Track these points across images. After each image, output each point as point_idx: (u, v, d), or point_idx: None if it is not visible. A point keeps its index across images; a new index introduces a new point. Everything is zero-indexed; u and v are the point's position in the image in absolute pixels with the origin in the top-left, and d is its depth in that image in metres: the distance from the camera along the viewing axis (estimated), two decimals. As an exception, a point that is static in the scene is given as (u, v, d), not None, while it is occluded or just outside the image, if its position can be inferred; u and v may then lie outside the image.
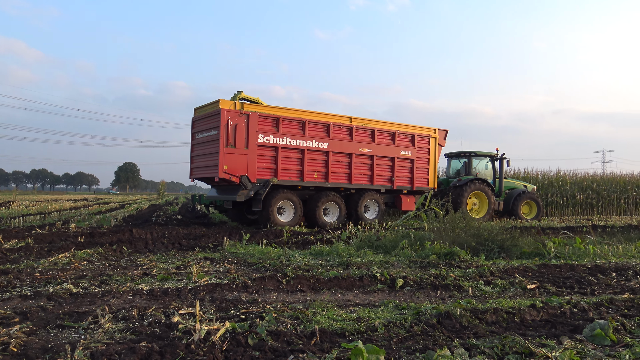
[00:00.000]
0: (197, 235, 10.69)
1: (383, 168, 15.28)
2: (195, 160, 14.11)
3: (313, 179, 13.89)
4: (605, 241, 9.52)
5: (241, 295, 5.09)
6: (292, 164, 13.63)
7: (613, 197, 27.59)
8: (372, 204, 15.21)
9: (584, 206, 27.05)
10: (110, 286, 5.37)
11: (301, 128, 13.71)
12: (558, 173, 28.29)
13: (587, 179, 28.01)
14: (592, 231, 12.14)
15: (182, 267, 6.71)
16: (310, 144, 13.80)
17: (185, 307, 4.42)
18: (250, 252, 8.09)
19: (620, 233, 11.46)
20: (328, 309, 4.50)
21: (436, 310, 4.29)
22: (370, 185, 14.96)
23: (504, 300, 5.02)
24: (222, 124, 12.57)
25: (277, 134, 13.30)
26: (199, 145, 13.93)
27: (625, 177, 29.09)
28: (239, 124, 12.77)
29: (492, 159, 19.34)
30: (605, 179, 28.68)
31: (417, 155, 16.00)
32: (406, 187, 15.75)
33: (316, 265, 6.97)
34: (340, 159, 14.40)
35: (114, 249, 8.29)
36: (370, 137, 14.97)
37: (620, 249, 8.58)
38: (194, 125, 14.25)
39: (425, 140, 16.27)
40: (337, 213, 14.38)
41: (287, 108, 13.81)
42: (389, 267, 6.94)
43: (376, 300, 5.09)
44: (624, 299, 4.99)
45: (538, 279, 6.22)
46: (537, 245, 8.46)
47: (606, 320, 3.81)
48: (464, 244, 8.26)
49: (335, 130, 14.27)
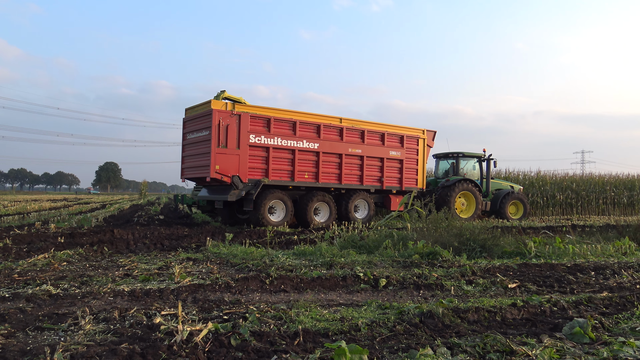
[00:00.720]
0: (180, 236, 10.61)
1: (373, 168, 15.42)
2: (187, 160, 14.14)
3: (304, 179, 13.99)
4: (584, 241, 9.68)
5: (224, 295, 5.07)
6: (283, 164, 13.71)
7: (592, 197, 28.07)
8: (362, 204, 15.33)
9: (564, 206, 27.49)
10: (91, 287, 5.31)
11: (292, 129, 13.81)
12: (538, 173, 28.71)
13: (567, 180, 28.46)
14: (572, 231, 12.33)
15: (164, 268, 6.66)
16: (301, 145, 13.90)
17: (167, 308, 4.38)
18: (233, 252, 8.06)
19: (599, 233, 11.66)
20: (311, 309, 4.50)
21: (419, 310, 4.32)
22: (360, 186, 15.09)
23: (486, 299, 5.07)
24: (213, 125, 12.62)
25: (268, 134, 13.37)
26: (190, 146, 13.97)
27: (604, 178, 29.62)
28: (230, 124, 12.82)
29: (480, 160, 19.55)
30: (584, 179, 29.17)
31: (406, 156, 16.14)
32: (395, 187, 15.88)
33: (300, 265, 6.97)
34: (330, 160, 14.52)
35: (95, 249, 8.19)
36: (360, 138, 15.09)
37: (599, 249, 8.73)
38: (185, 125, 14.28)
39: (414, 141, 16.42)
40: (328, 213, 14.50)
41: (279, 109, 13.89)
42: (372, 267, 6.96)
43: (359, 300, 5.11)
44: (603, 297, 5.08)
45: (519, 278, 6.30)
46: (518, 244, 8.57)
47: (585, 319, 3.87)
48: (447, 244, 8.33)
49: (325, 131, 14.39)
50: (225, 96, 13.82)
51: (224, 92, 14.09)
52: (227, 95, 13.91)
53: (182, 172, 14.35)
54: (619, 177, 30.19)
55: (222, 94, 13.92)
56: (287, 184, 13.78)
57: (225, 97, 13.80)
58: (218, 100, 13.04)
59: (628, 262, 7.55)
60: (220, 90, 14.21)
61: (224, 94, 13.97)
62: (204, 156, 12.96)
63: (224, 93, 14.04)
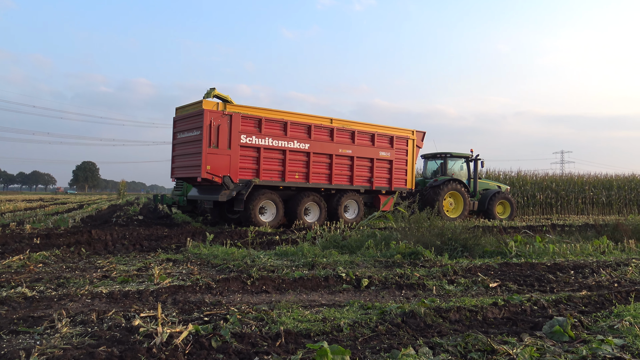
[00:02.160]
0: (159, 236, 10.52)
1: (363, 169, 15.53)
2: (177, 159, 14.13)
3: (294, 180, 14.08)
4: (563, 240, 9.84)
5: (205, 297, 5.04)
6: (274, 165, 13.79)
7: (571, 196, 28.58)
8: (352, 204, 15.45)
9: (544, 206, 27.93)
10: (68, 289, 5.23)
11: (283, 129, 13.88)
12: (519, 173, 29.13)
13: (547, 179, 28.92)
14: (552, 230, 12.53)
15: (143, 269, 6.60)
16: (292, 145, 13.97)
17: (146, 310, 4.34)
18: (214, 253, 8.01)
19: (578, 232, 11.87)
20: (293, 310, 4.50)
21: (401, 310, 4.35)
22: (350, 186, 15.20)
23: (467, 298, 5.12)
24: (205, 125, 12.64)
25: (259, 134, 13.43)
26: (180, 145, 13.97)
27: (583, 178, 30.17)
28: (221, 124, 12.85)
29: (467, 160, 19.75)
30: (563, 179, 29.68)
31: (396, 156, 16.27)
32: (385, 188, 16.00)
33: (281, 265, 6.96)
34: (321, 160, 14.62)
35: (72, 250, 8.07)
36: (351, 139, 15.20)
37: (578, 248, 8.89)
38: (175, 124, 14.27)
39: (404, 142, 16.55)
40: (318, 213, 14.59)
41: (270, 109, 13.95)
42: (355, 267, 6.98)
43: (341, 300, 5.12)
44: (582, 296, 5.17)
45: (500, 277, 6.38)
46: (499, 244, 8.67)
47: (565, 317, 3.94)
48: (429, 244, 8.40)
49: (316, 132, 14.48)
50: (215, 94, 13.84)
51: (214, 89, 14.08)
52: (217, 93, 13.92)
53: (172, 171, 14.37)
54: (597, 177, 30.81)
55: (212, 92, 13.92)
56: (278, 184, 13.87)
57: (216, 95, 13.82)
58: (209, 100, 13.08)
59: (606, 261, 7.70)
60: (210, 88, 14.20)
61: (214, 92, 13.97)
62: (195, 156, 13.01)
63: (214, 91, 14.03)
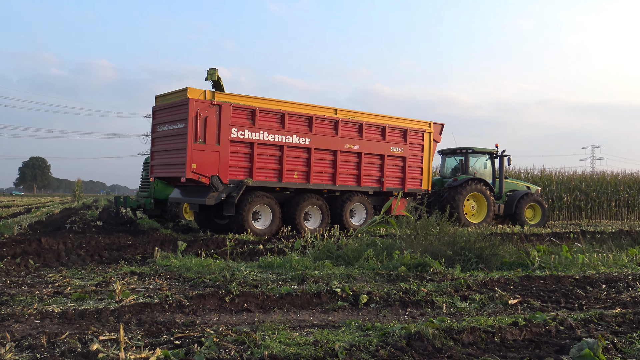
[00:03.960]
0: (122, 246, 10.52)
1: (371, 167, 15.55)
2: (157, 156, 14.10)
3: (293, 180, 14.09)
4: (594, 249, 9.92)
5: (175, 316, 5.04)
6: (270, 163, 13.80)
7: (603, 199, 28.75)
8: (360, 207, 15.46)
9: (571, 209, 28.10)
10: (13, 308, 5.20)
11: (280, 121, 13.88)
12: (543, 172, 29.28)
13: (575, 179, 29.09)
14: (581, 238, 12.62)
15: (103, 284, 6.59)
16: (290, 140, 13.97)
17: (106, 333, 4.33)
18: (186, 265, 8.01)
19: (611, 240, 11.97)
20: (280, 332, 4.51)
21: (405, 331, 4.36)
22: (357, 187, 15.24)
23: (483, 317, 5.15)
24: (190, 116, 12.60)
25: (252, 128, 13.41)
26: (161, 140, 13.94)
27: (617, 177, 30.37)
28: (209, 116, 12.81)
29: (492, 157, 19.77)
30: (594, 178, 29.87)
31: (410, 153, 16.29)
32: (397, 189, 15.94)
33: (266, 279, 6.97)
34: (323, 157, 14.63)
35: (18, 262, 8.05)
36: (358, 132, 15.20)
37: (611, 258, 8.96)
38: (155, 115, 14.26)
39: (419, 136, 16.59)
40: (320, 218, 14.63)
41: (265, 98, 13.99)
42: (352, 281, 7.00)
43: (336, 320, 5.13)
44: (615, 314, 5.21)
45: (520, 292, 6.43)
46: (520, 254, 8.73)
47: (595, 339, 3.97)
48: (438, 254, 8.43)
49: (318, 124, 14.47)
50: (218, 76, 14.12)
51: (215, 70, 14.26)
52: (219, 75, 14.22)
53: (152, 169, 14.36)
54: (634, 175, 31.03)
55: (214, 73, 14.12)
56: (274, 185, 13.89)
57: (215, 81, 14.14)
58: (195, 88, 13.08)
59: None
60: (211, 68, 14.30)
61: (216, 74, 14.17)
62: (179, 152, 12.98)
63: (215, 72, 14.22)
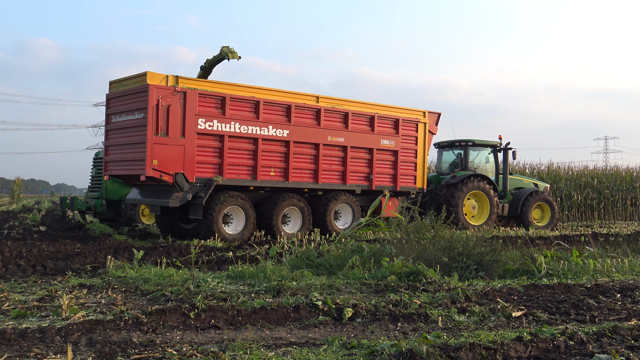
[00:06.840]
0: (69, 254, 10.47)
1: (359, 162, 15.62)
2: (112, 151, 14.04)
3: (269, 177, 14.13)
4: (608, 254, 10.05)
5: (132, 335, 5.02)
6: (243, 158, 13.81)
7: (617, 197, 29.09)
8: (346, 209, 15.54)
9: (582, 209, 28.42)
10: (-58, 328, 5.13)
11: (254, 110, 13.90)
12: (550, 166, 29.61)
13: (586, 174, 29.42)
14: (593, 241, 12.77)
15: (47, 299, 6.55)
16: (266, 132, 13.98)
17: (52, 355, 4.31)
18: (144, 275, 7.97)
19: (627, 243, 12.11)
20: (252, 351, 4.51)
21: (396, 349, 4.39)
22: (342, 185, 15.30)
23: (483, 332, 5.20)
24: (150, 105, 12.54)
25: (222, 118, 13.41)
26: (117, 132, 13.87)
27: (633, 172, 30.73)
28: (172, 105, 12.77)
29: (495, 150, 19.89)
30: (608, 174, 30.23)
31: (402, 146, 16.38)
32: (388, 187, 16.05)
33: (236, 292, 6.97)
34: (304, 151, 14.67)
35: (-53, 274, 7.94)
36: (343, 123, 15.26)
37: (627, 264, 9.10)
38: (109, 104, 14.17)
39: (413, 127, 16.69)
40: (300, 221, 14.69)
41: (236, 84, 14.06)
42: (334, 293, 7.02)
43: (317, 337, 5.14)
44: (631, 326, 5.30)
45: (525, 303, 6.49)
46: (525, 260, 8.82)
47: (609, 355, 4.03)
48: (433, 261, 8.48)
49: (297, 114, 14.52)
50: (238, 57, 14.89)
51: (229, 48, 14.84)
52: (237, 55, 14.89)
53: (106, 166, 14.26)
54: (651, 170, 31.42)
55: (233, 53, 14.78)
56: (248, 184, 13.92)
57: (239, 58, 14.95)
58: (155, 73, 13.02)
59: (662, 281, 7.90)
60: (223, 46, 14.56)
61: (234, 54, 14.79)
62: (137, 147, 12.92)
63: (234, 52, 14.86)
